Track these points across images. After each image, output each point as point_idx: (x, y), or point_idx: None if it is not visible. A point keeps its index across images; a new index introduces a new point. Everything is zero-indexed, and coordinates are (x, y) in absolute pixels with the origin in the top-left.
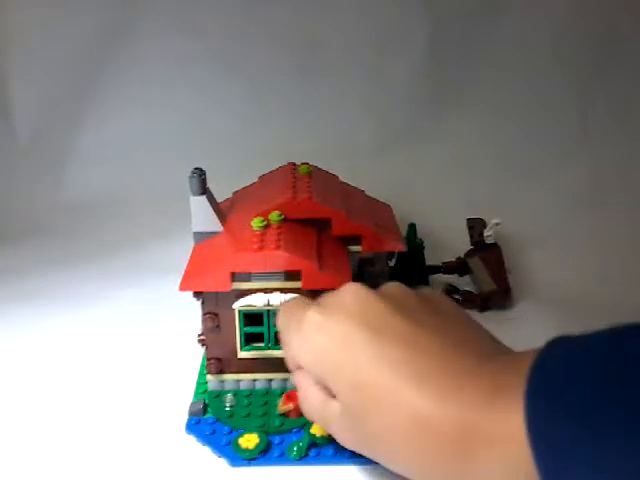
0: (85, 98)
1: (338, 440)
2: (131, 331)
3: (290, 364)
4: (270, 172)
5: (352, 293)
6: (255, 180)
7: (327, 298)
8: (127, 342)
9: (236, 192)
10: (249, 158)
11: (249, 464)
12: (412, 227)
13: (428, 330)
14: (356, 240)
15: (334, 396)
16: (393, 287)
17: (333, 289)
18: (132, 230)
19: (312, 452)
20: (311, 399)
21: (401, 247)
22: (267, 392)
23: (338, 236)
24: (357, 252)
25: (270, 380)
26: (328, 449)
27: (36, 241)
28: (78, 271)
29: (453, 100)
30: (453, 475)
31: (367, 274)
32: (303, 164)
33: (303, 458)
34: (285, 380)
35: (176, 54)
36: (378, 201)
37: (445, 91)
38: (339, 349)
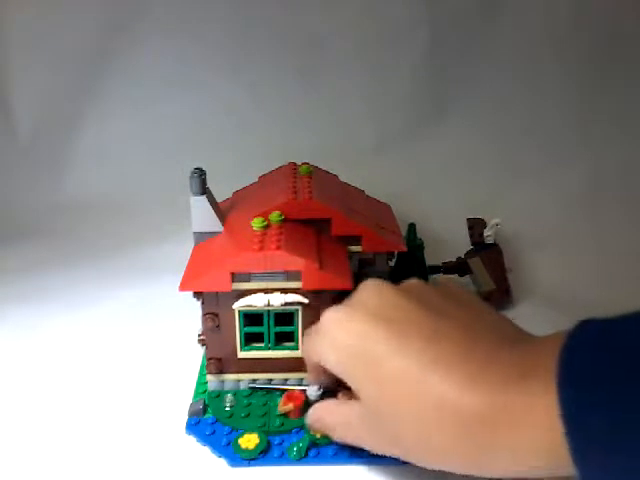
0: (85, 98)
1: (358, 443)
2: (131, 331)
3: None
4: (270, 172)
5: (371, 289)
6: (255, 180)
7: (349, 297)
8: (127, 342)
9: (236, 192)
10: (249, 158)
11: (249, 464)
12: (412, 227)
13: (450, 320)
14: (356, 240)
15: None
16: (412, 282)
17: (333, 289)
18: (132, 230)
19: (312, 452)
20: (334, 419)
21: (402, 247)
22: (267, 392)
23: (338, 236)
24: (357, 252)
25: (270, 380)
26: (328, 449)
27: (36, 241)
28: (78, 271)
29: (453, 100)
30: (481, 457)
31: (367, 274)
32: (303, 164)
33: (303, 458)
34: (285, 380)
35: (176, 54)
36: (378, 201)
37: (445, 91)
38: (361, 345)
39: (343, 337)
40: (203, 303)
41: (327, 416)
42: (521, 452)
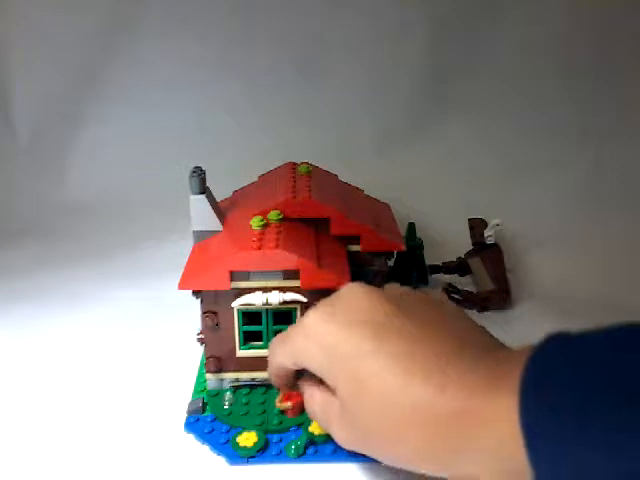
0: (85, 98)
1: (338, 441)
2: (130, 330)
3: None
4: (270, 171)
5: (354, 291)
6: (255, 180)
7: (328, 299)
8: (126, 341)
9: (236, 191)
10: (249, 158)
11: (247, 462)
12: (411, 226)
13: (428, 326)
14: (355, 239)
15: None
16: (394, 287)
17: (331, 287)
18: (132, 230)
19: (310, 450)
20: (315, 399)
21: (401, 246)
22: (266, 391)
23: (336, 235)
24: (356, 252)
25: (253, 379)
26: (326, 447)
27: (36, 241)
28: (78, 271)
29: (453, 100)
30: (450, 456)
31: (366, 273)
32: (303, 163)
33: (301, 456)
34: None
35: (176, 54)
36: (377, 200)
37: (445, 91)
38: (340, 344)
39: (327, 337)
40: (202, 302)
41: (309, 400)
42: (486, 456)
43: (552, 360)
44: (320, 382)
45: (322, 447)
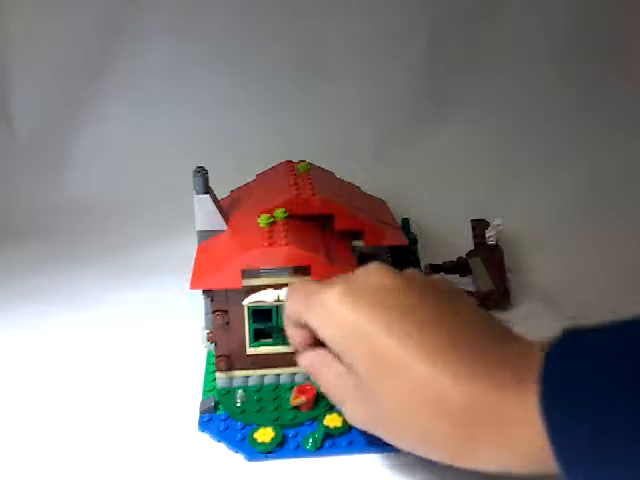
0: (85, 98)
1: (348, 417)
2: (131, 330)
3: (298, 344)
4: (267, 170)
5: (375, 271)
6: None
7: (348, 276)
8: (129, 342)
9: (233, 191)
10: (249, 158)
11: (266, 458)
12: (405, 221)
13: (446, 313)
14: (358, 235)
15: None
16: (412, 272)
17: None
18: (132, 230)
19: (327, 443)
20: (331, 369)
21: (403, 240)
22: (276, 387)
23: (341, 231)
24: (359, 246)
25: (278, 375)
26: (343, 439)
27: (36, 241)
28: (78, 271)
29: (453, 100)
30: (458, 453)
31: None
32: (301, 162)
33: (319, 449)
34: (293, 374)
35: (177, 54)
36: (373, 197)
37: (445, 91)
38: (360, 321)
39: (344, 314)
40: (212, 300)
41: (322, 366)
42: (503, 451)
43: (569, 356)
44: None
45: (338, 439)
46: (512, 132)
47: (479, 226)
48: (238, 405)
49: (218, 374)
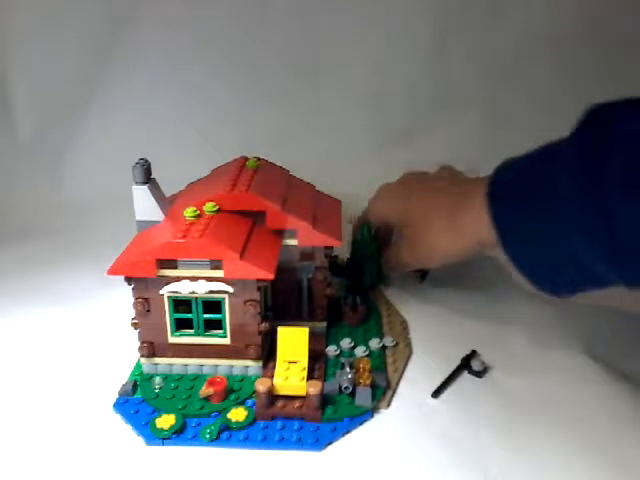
0: (85, 97)
1: (404, 260)
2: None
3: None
4: (222, 165)
5: (408, 175)
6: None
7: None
8: (129, 340)
9: (189, 184)
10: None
11: (163, 443)
12: (365, 225)
13: (439, 187)
14: (292, 234)
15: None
16: (414, 173)
17: (255, 279)
18: (132, 230)
19: (224, 435)
20: (395, 245)
21: (336, 242)
22: (197, 377)
23: (274, 229)
24: (293, 245)
25: (201, 366)
26: (240, 434)
27: (35, 241)
28: (78, 270)
29: (453, 100)
30: (455, 231)
31: (308, 267)
32: (253, 158)
33: (215, 440)
34: (216, 366)
35: (176, 55)
36: (328, 196)
37: (445, 91)
38: (401, 193)
39: (392, 196)
40: (133, 288)
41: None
42: (472, 217)
43: (505, 171)
44: None
45: (236, 433)
46: (513, 133)
47: None
48: (155, 390)
49: (142, 360)
